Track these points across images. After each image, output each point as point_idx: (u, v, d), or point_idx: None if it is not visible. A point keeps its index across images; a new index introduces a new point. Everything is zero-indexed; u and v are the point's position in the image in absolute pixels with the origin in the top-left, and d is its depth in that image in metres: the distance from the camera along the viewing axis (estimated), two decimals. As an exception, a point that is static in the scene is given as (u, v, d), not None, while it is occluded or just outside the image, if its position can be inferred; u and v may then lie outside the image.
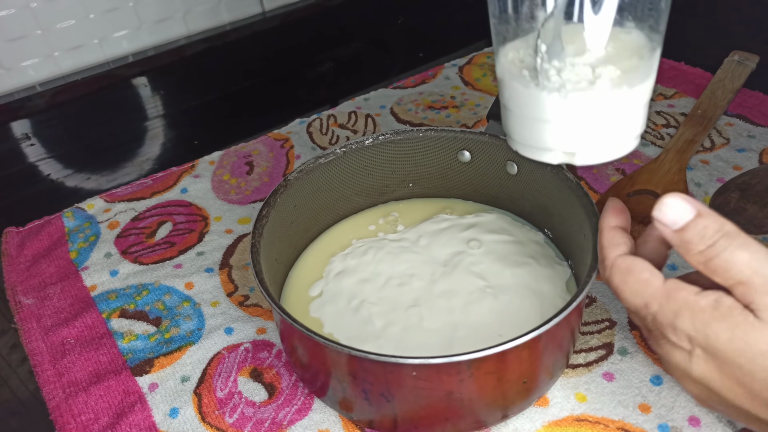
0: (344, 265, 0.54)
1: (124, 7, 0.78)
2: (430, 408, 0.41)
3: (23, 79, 0.76)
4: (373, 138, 0.55)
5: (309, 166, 0.53)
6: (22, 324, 0.55)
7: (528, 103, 0.35)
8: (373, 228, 0.59)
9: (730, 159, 0.66)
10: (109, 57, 0.80)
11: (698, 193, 0.62)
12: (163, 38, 0.83)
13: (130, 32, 0.80)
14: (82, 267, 0.60)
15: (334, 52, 0.95)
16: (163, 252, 0.61)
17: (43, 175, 0.75)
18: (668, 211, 0.31)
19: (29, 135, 0.76)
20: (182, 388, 0.49)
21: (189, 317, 0.54)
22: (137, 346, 0.52)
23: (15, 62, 0.75)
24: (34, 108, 0.76)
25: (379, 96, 0.83)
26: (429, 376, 0.38)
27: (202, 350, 0.51)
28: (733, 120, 0.72)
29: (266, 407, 0.47)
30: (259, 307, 0.55)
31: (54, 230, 0.65)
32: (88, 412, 0.48)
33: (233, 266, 0.59)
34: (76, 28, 0.76)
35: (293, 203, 0.53)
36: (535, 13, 0.35)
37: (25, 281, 0.60)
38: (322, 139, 0.75)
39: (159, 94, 0.83)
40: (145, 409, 0.47)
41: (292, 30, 0.90)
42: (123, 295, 0.57)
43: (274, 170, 0.71)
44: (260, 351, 0.51)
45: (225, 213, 0.65)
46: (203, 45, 0.84)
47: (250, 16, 0.88)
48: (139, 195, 0.69)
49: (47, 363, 0.52)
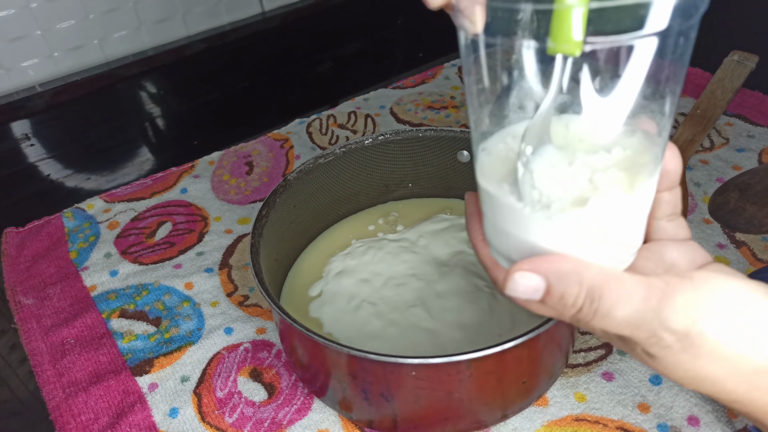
0: (344, 265, 0.54)
1: (124, 7, 0.78)
2: (429, 408, 0.41)
3: (23, 80, 0.76)
4: (373, 138, 0.55)
5: (308, 166, 0.53)
6: (21, 324, 0.55)
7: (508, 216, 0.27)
8: (373, 228, 0.59)
9: (730, 159, 0.66)
10: (109, 57, 0.80)
11: (698, 192, 0.62)
12: (162, 38, 0.83)
13: (130, 32, 0.80)
14: (82, 267, 0.60)
15: (333, 52, 0.95)
16: (162, 252, 0.61)
17: (42, 176, 0.76)
18: (518, 287, 0.26)
19: (29, 135, 0.76)
20: (182, 388, 0.49)
21: (189, 317, 0.54)
22: (137, 346, 0.52)
23: (15, 62, 0.75)
24: (34, 108, 0.76)
25: (378, 96, 0.83)
26: (429, 375, 0.38)
27: (201, 350, 0.51)
28: (732, 120, 0.72)
29: (266, 407, 0.47)
30: (258, 307, 0.55)
31: (54, 230, 0.65)
32: (88, 412, 0.48)
33: (233, 266, 0.59)
34: (76, 28, 0.76)
35: (293, 203, 0.53)
36: (523, 102, 0.26)
37: (25, 281, 0.60)
38: (321, 139, 0.75)
39: (159, 94, 0.84)
40: (145, 409, 0.48)
41: (291, 30, 0.90)
42: (123, 296, 0.57)
43: (273, 170, 0.71)
44: (260, 351, 0.51)
45: (225, 213, 0.65)
46: (203, 45, 0.84)
47: (249, 17, 0.88)
48: (139, 195, 0.69)
49: (47, 363, 0.52)
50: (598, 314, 0.25)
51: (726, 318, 0.25)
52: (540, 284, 0.26)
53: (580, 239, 0.26)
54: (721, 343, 0.25)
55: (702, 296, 0.25)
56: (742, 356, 0.25)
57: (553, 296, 0.26)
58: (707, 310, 0.25)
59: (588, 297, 0.25)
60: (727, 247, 0.57)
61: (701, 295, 0.25)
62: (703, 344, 0.25)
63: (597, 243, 0.26)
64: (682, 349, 0.25)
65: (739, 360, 0.25)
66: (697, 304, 0.25)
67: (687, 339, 0.25)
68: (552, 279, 0.26)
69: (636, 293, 0.25)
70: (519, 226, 0.27)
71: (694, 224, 0.59)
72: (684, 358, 0.25)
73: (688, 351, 0.25)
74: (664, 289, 0.25)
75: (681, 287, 0.25)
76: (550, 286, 0.26)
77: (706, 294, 0.25)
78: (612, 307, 0.25)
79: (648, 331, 0.25)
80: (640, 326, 0.25)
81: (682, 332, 0.25)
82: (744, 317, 0.25)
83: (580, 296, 0.25)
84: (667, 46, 0.23)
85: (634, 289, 0.25)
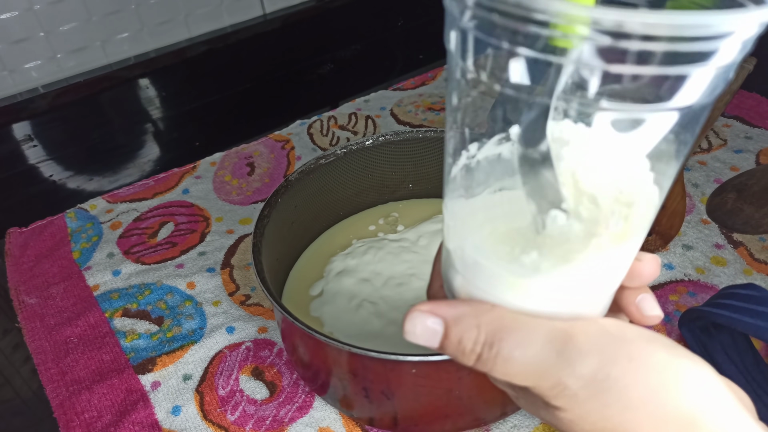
0: (344, 265, 0.54)
1: (126, 9, 0.79)
2: (429, 405, 0.42)
3: (26, 81, 0.77)
4: (374, 139, 0.55)
5: (310, 166, 0.53)
6: (25, 323, 0.56)
7: (488, 281, 0.24)
8: (374, 228, 0.59)
9: (728, 160, 0.67)
10: (111, 59, 0.81)
11: (696, 193, 0.63)
12: (164, 40, 0.83)
13: (132, 34, 0.81)
14: (85, 267, 0.61)
15: (334, 54, 0.95)
16: (165, 252, 0.62)
17: (45, 176, 0.76)
18: (416, 329, 0.24)
19: (32, 136, 0.77)
20: (184, 386, 0.49)
21: (191, 316, 0.55)
22: (140, 345, 0.53)
23: (18, 64, 0.75)
24: (37, 109, 0.76)
25: (379, 97, 0.83)
26: (428, 373, 0.39)
27: (203, 349, 0.52)
28: (730, 121, 0.72)
29: (267, 405, 0.47)
30: (260, 307, 0.55)
31: (57, 231, 0.66)
32: (92, 410, 0.48)
33: (234, 266, 0.59)
34: (79, 30, 0.77)
35: (294, 203, 0.53)
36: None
37: (29, 281, 0.60)
38: (322, 140, 0.76)
39: (161, 95, 0.84)
40: (148, 407, 0.48)
41: (292, 32, 0.91)
42: (125, 295, 0.57)
43: (275, 171, 0.72)
44: (261, 350, 0.51)
45: (226, 213, 0.66)
46: (204, 47, 0.85)
47: (251, 19, 0.88)
48: (141, 196, 0.69)
49: (50, 362, 0.52)
50: (499, 359, 0.23)
51: (636, 360, 0.23)
52: (438, 327, 0.24)
53: (567, 299, 0.24)
54: (631, 387, 0.22)
55: (610, 338, 0.23)
56: (656, 402, 0.22)
57: (451, 341, 0.24)
58: (615, 352, 0.23)
59: (487, 342, 0.23)
60: (725, 248, 0.57)
61: (609, 337, 0.23)
62: (611, 389, 0.22)
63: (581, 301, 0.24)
64: (589, 397, 0.22)
65: (652, 407, 0.22)
66: (605, 345, 0.23)
67: (594, 384, 0.22)
68: (450, 322, 0.24)
69: (538, 335, 0.23)
70: (502, 290, 0.24)
71: (692, 225, 0.60)
72: (591, 407, 0.23)
73: (596, 398, 0.22)
74: (569, 330, 0.23)
75: (586, 328, 0.23)
76: (447, 330, 0.24)
77: (615, 335, 0.23)
78: (512, 349, 0.23)
79: (552, 378, 0.22)
80: (543, 373, 0.23)
81: (588, 376, 0.22)
82: (656, 359, 0.23)
83: (479, 341, 0.23)
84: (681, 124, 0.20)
85: (536, 330, 0.23)
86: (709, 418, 0.22)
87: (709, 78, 0.18)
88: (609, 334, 0.23)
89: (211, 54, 0.85)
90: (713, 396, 0.23)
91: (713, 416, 0.22)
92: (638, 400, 0.22)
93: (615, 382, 0.22)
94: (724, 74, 0.19)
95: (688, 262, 0.56)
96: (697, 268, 0.55)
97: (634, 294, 0.26)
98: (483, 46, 0.19)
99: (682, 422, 0.22)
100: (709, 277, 0.55)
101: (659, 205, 0.23)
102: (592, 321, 0.24)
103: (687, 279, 0.55)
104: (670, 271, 0.55)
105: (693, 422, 0.22)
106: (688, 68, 0.18)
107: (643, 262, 0.26)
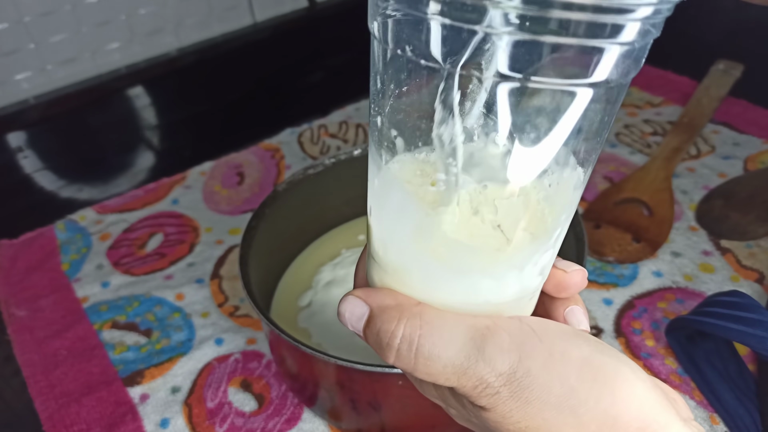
0: (333, 275, 0.54)
1: (116, 20, 0.79)
2: (416, 416, 0.42)
3: (16, 93, 0.77)
4: (362, 148, 0.56)
5: (298, 176, 0.54)
6: (14, 336, 0.56)
7: (415, 277, 0.24)
8: (363, 237, 0.59)
9: (716, 167, 0.67)
10: (102, 69, 0.81)
11: (684, 200, 0.63)
12: (154, 50, 0.83)
13: (122, 45, 0.81)
14: (74, 278, 0.61)
15: (324, 62, 0.96)
16: (154, 263, 0.62)
17: (36, 187, 0.76)
18: (346, 312, 0.24)
19: (22, 147, 0.76)
20: (173, 398, 0.49)
21: (179, 328, 0.55)
22: (128, 357, 0.53)
23: (8, 76, 0.75)
24: (27, 120, 0.76)
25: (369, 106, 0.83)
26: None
27: (192, 361, 0.52)
28: (718, 128, 0.72)
29: (256, 417, 0.47)
30: (249, 318, 0.55)
31: (46, 242, 0.66)
32: (80, 423, 0.48)
33: (223, 277, 0.59)
34: (69, 41, 0.77)
35: (282, 214, 0.53)
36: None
37: (18, 293, 0.60)
38: (312, 149, 0.76)
39: (151, 105, 0.84)
40: (136, 420, 0.48)
41: (283, 41, 0.91)
42: (114, 307, 0.57)
43: (264, 180, 0.72)
44: (250, 361, 0.51)
45: (216, 224, 0.66)
46: (195, 57, 0.85)
47: (241, 28, 0.89)
48: (131, 206, 0.69)
49: (40, 374, 0.52)
50: (420, 358, 0.22)
51: (555, 355, 0.22)
52: (364, 313, 0.24)
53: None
54: (551, 383, 0.22)
55: (530, 334, 0.23)
56: (575, 400, 0.22)
57: (371, 330, 0.24)
58: (534, 348, 0.22)
59: (406, 339, 0.23)
60: (713, 254, 0.57)
61: (529, 334, 0.23)
62: (531, 385, 0.22)
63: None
64: (511, 394, 0.22)
65: (571, 405, 0.22)
66: (524, 341, 0.22)
67: (515, 381, 0.22)
68: (375, 311, 0.24)
69: (459, 332, 0.22)
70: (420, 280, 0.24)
71: (680, 232, 0.60)
72: (514, 405, 0.22)
73: (518, 395, 0.22)
74: (491, 327, 0.22)
75: (507, 324, 0.23)
76: (371, 318, 0.24)
77: (537, 331, 0.23)
78: (433, 346, 0.22)
79: (474, 377, 0.22)
80: (465, 372, 0.22)
81: (508, 373, 0.22)
82: (577, 355, 0.22)
83: (396, 335, 0.23)
84: (599, 102, 0.21)
85: (457, 328, 0.22)
86: (632, 417, 0.22)
87: (616, 54, 0.19)
88: (530, 330, 0.23)
89: (202, 63, 0.86)
90: (637, 395, 0.22)
91: (635, 415, 0.22)
92: (557, 398, 0.22)
93: (535, 379, 0.22)
94: (633, 55, 0.19)
95: (676, 269, 0.56)
96: (685, 275, 0.56)
97: (562, 305, 0.26)
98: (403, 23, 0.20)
99: (602, 421, 0.22)
100: (697, 284, 0.55)
101: (582, 188, 0.23)
102: (516, 318, 0.23)
103: (675, 286, 0.55)
104: (659, 279, 0.56)
105: (614, 422, 0.22)
106: (598, 42, 0.18)
107: (570, 273, 0.26)
